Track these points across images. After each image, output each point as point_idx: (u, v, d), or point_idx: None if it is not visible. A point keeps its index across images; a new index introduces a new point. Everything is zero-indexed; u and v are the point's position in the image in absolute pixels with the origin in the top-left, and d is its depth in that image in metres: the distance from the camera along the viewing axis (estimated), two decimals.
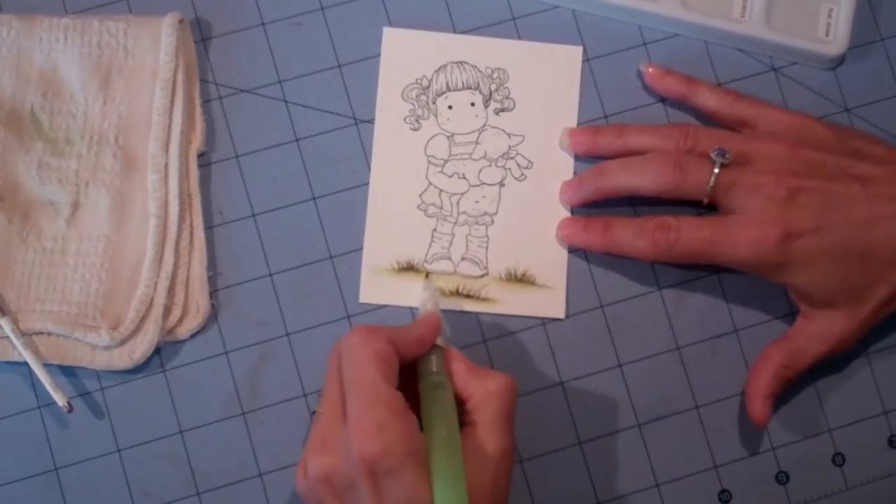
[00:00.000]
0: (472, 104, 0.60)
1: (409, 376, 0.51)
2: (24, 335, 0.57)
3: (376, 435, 0.47)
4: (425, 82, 0.60)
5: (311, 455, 0.49)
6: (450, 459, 0.48)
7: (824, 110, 0.61)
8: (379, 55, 0.60)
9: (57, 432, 0.58)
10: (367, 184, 0.60)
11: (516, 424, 0.52)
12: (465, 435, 0.50)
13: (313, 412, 0.52)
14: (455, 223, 0.60)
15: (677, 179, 0.55)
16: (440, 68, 0.61)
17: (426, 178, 0.60)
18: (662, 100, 0.61)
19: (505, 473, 0.50)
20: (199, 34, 0.61)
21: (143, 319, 0.57)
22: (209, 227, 0.59)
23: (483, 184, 0.60)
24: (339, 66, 0.60)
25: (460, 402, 0.52)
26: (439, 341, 0.53)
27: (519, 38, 0.61)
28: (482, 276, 0.59)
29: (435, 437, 0.49)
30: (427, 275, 0.59)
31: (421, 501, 0.47)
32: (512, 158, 0.60)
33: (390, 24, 0.61)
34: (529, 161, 0.60)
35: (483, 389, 0.51)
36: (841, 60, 0.61)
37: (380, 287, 0.59)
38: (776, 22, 0.60)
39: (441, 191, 0.60)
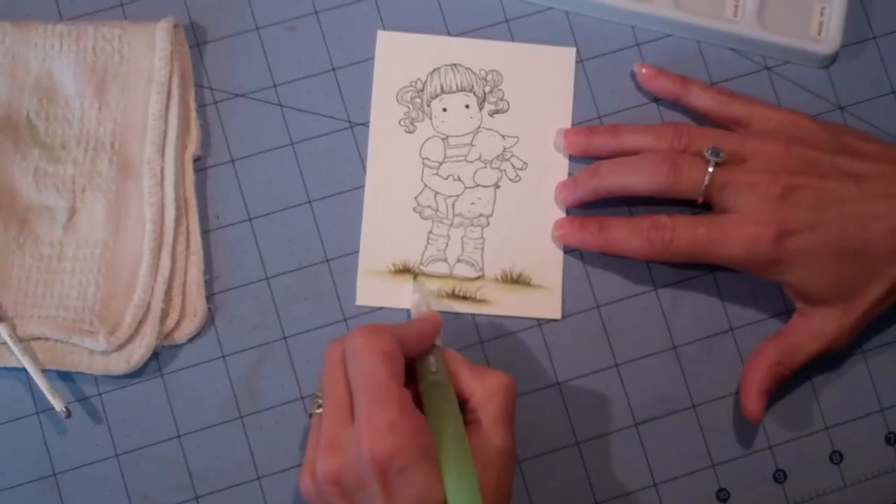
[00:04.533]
0: (467, 106, 0.61)
1: (406, 377, 0.51)
2: (22, 341, 0.57)
3: (388, 434, 0.46)
4: (420, 85, 0.61)
5: (318, 457, 0.49)
6: (460, 457, 0.48)
7: (818, 109, 0.61)
8: (373, 58, 0.61)
9: (55, 438, 0.58)
10: (363, 187, 0.60)
11: (514, 425, 0.52)
12: (468, 433, 0.50)
13: (310, 414, 0.52)
14: (451, 225, 0.60)
15: (672, 179, 0.55)
16: (434, 71, 0.61)
17: (421, 180, 0.60)
18: (656, 100, 0.61)
19: (508, 470, 0.50)
20: (194, 39, 0.61)
21: (140, 324, 0.57)
22: (205, 232, 0.59)
23: (478, 185, 0.60)
24: (334, 70, 0.61)
25: (461, 401, 0.52)
26: (436, 341, 0.53)
27: (512, 40, 0.61)
28: (478, 278, 0.59)
29: (443, 435, 0.49)
30: (415, 276, 0.59)
31: (433, 499, 0.47)
32: (507, 160, 0.60)
33: (384, 28, 0.61)
34: (524, 162, 0.60)
35: (484, 388, 0.51)
36: (834, 59, 0.61)
37: (376, 289, 0.59)
38: (769, 21, 0.60)
39: (436, 193, 0.60)
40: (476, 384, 0.52)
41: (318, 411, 0.51)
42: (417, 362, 0.52)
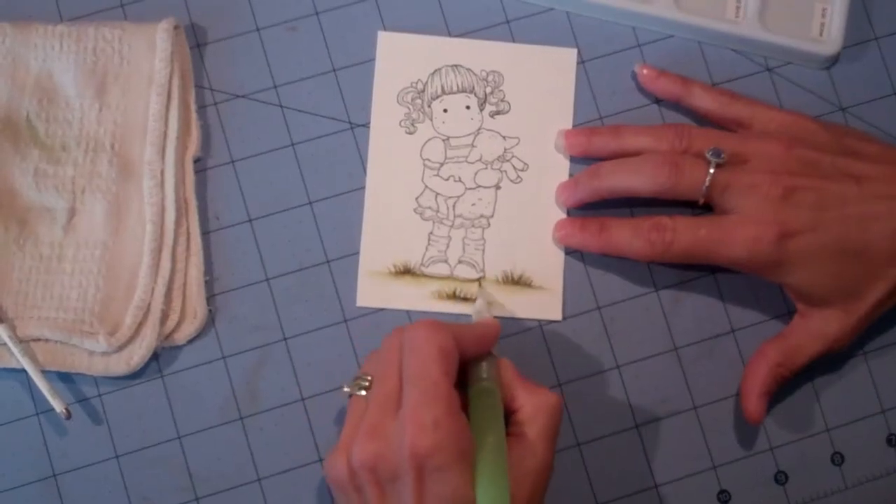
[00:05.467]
0: (468, 107, 0.61)
1: (458, 380, 0.51)
2: (22, 342, 0.57)
3: (431, 431, 0.47)
4: (420, 86, 0.60)
5: (358, 440, 0.49)
6: (496, 466, 0.48)
7: (819, 110, 0.61)
8: (374, 59, 0.61)
9: (55, 439, 0.58)
10: (364, 188, 0.60)
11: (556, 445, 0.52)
12: (510, 444, 0.50)
13: (350, 395, 0.52)
14: (451, 226, 0.60)
15: (673, 180, 0.55)
16: (435, 72, 0.61)
17: (422, 181, 0.60)
18: (657, 101, 0.61)
19: (542, 488, 0.51)
20: (195, 40, 0.61)
21: (140, 325, 0.57)
22: (206, 233, 0.59)
23: (479, 186, 0.60)
24: (335, 71, 0.61)
25: (507, 412, 0.52)
26: (493, 350, 0.53)
27: (513, 40, 0.61)
28: (479, 279, 0.59)
29: (483, 442, 0.49)
30: (480, 282, 0.59)
31: (463, 502, 0.47)
32: (508, 161, 0.60)
33: (385, 28, 0.61)
34: (525, 163, 0.60)
35: (533, 404, 0.52)
36: (835, 60, 0.61)
37: (377, 290, 0.59)
38: (770, 22, 0.60)
39: (437, 194, 0.60)
40: (525, 398, 0.52)
41: (360, 393, 0.51)
42: (470, 367, 0.53)
